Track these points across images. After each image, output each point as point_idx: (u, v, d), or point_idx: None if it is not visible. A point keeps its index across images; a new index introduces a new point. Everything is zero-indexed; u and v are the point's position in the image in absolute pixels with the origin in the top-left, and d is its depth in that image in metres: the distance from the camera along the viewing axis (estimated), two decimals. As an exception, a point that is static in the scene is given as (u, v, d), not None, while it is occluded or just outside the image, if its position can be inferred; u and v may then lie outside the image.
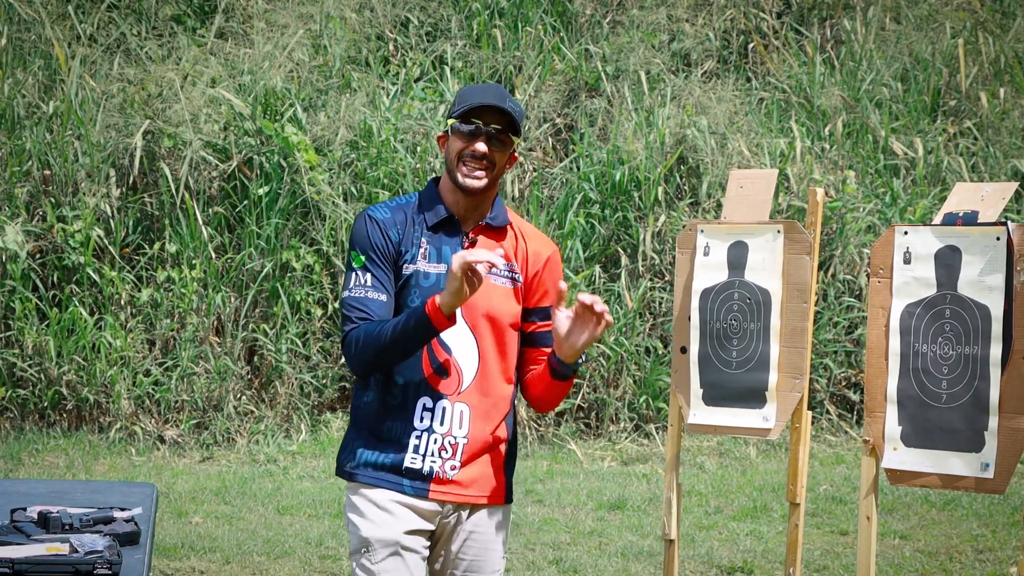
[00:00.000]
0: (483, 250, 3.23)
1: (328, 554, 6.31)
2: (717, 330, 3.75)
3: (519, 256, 3.48)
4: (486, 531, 3.45)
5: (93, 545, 3.02)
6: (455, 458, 3.37)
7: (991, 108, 10.11)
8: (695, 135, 9.43)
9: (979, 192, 3.27)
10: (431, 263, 3.39)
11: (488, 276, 3.34)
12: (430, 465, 3.36)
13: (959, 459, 3.22)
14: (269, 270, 8.78)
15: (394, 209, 3.44)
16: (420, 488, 3.37)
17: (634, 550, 6.38)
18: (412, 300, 3.36)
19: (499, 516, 3.48)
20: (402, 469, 3.36)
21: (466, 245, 3.41)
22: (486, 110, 3.37)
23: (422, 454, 3.36)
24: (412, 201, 3.47)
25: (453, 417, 3.37)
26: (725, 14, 10.81)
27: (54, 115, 9.11)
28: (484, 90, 3.41)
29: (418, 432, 3.36)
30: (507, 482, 3.48)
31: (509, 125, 3.39)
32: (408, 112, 9.39)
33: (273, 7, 10.14)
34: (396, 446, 3.37)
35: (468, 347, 3.39)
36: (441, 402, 3.37)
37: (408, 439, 3.37)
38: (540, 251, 3.50)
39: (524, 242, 3.50)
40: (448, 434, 3.37)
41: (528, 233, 3.53)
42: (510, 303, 3.43)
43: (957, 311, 3.24)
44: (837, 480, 7.80)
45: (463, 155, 3.37)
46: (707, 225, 3.80)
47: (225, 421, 8.41)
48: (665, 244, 9.16)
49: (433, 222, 3.41)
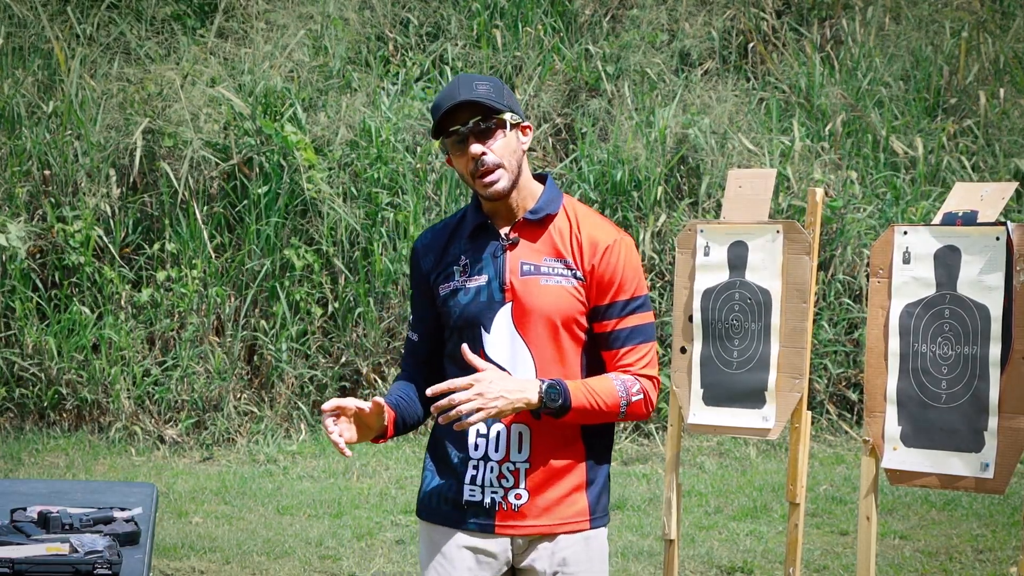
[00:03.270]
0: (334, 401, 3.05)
1: (328, 554, 6.31)
2: (718, 330, 3.74)
3: (571, 246, 3.16)
4: (573, 561, 3.14)
5: (93, 545, 3.01)
6: (519, 486, 3.10)
7: (991, 107, 10.11)
8: (695, 135, 9.43)
9: (979, 192, 3.27)
10: (472, 277, 3.16)
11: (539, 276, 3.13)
12: (491, 497, 3.11)
13: (959, 459, 3.22)
14: (269, 269, 8.78)
15: (436, 231, 3.25)
16: (484, 524, 3.12)
17: (634, 550, 6.38)
18: (453, 317, 3.16)
19: (586, 542, 3.16)
20: (463, 503, 3.13)
21: (506, 248, 3.16)
22: (456, 111, 3.09)
23: (480, 485, 3.11)
24: (457, 217, 3.27)
25: (511, 441, 3.10)
26: (725, 14, 10.81)
27: (54, 115, 9.11)
28: (446, 93, 3.12)
29: (474, 461, 3.12)
30: (591, 504, 3.16)
31: (487, 109, 3.08)
32: (408, 112, 9.39)
33: (273, 7, 10.14)
34: (455, 475, 3.15)
35: (522, 360, 3.12)
36: (495, 426, 3.10)
37: (465, 469, 3.13)
38: (598, 239, 3.15)
39: (578, 230, 3.17)
40: (505, 460, 3.10)
41: (585, 220, 3.19)
42: (566, 301, 3.12)
43: (957, 311, 3.24)
44: (837, 480, 7.80)
45: (469, 168, 3.10)
46: (707, 225, 3.79)
47: (225, 421, 8.41)
48: (665, 244, 9.16)
49: (468, 232, 3.19)
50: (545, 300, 3.11)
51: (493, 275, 3.15)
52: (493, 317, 3.14)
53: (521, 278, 3.13)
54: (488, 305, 3.14)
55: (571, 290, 3.13)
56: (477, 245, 3.18)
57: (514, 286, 3.13)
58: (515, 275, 3.14)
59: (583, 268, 3.14)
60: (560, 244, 3.15)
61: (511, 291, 3.14)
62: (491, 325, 3.14)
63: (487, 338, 3.14)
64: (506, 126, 3.11)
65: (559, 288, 3.12)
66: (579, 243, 3.15)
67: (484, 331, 3.14)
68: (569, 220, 3.18)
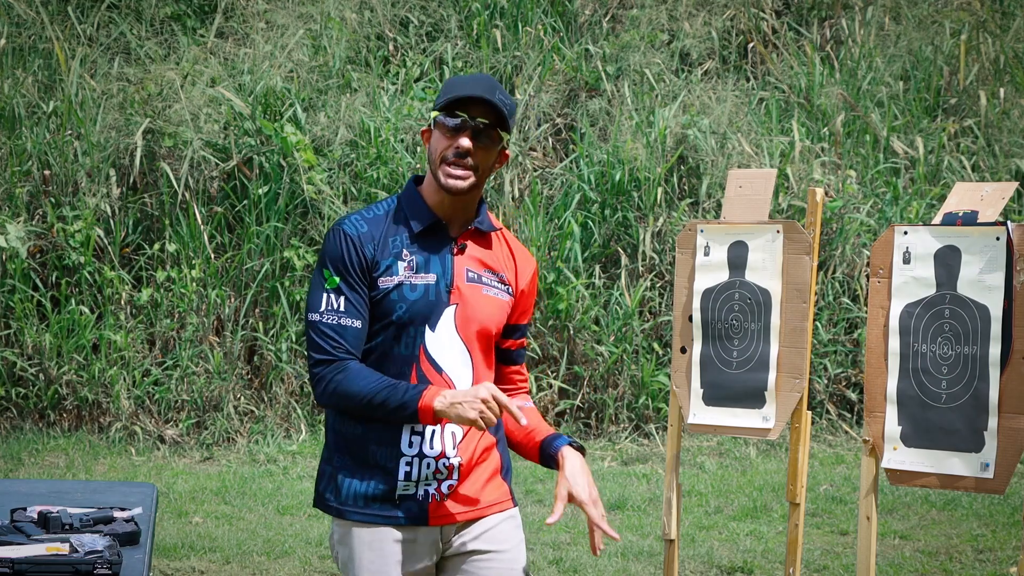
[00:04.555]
0: (515, 402, 3.12)
1: (328, 554, 6.31)
2: (718, 330, 3.75)
3: (507, 266, 3.27)
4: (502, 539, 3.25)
5: (93, 545, 3.01)
6: (452, 478, 3.17)
7: (991, 107, 10.11)
8: (695, 135, 9.43)
9: (979, 192, 3.27)
10: (418, 274, 3.15)
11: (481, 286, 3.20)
12: (424, 489, 3.15)
13: (959, 459, 3.22)
14: (268, 270, 8.78)
15: (371, 221, 3.18)
16: (418, 516, 3.16)
17: (634, 550, 6.38)
18: (397, 313, 3.13)
19: (511, 521, 3.28)
20: (395, 498, 3.14)
21: (455, 252, 3.19)
22: (473, 102, 3.11)
23: (415, 480, 3.14)
24: (391, 208, 3.22)
25: (444, 438, 3.15)
26: (725, 14, 10.81)
27: (54, 115, 9.11)
28: (472, 81, 3.16)
29: (408, 458, 3.14)
30: (509, 485, 3.30)
31: (498, 120, 3.13)
32: (408, 112, 9.39)
33: (273, 7, 10.14)
34: (384, 473, 3.14)
35: (462, 363, 3.19)
36: (430, 426, 3.14)
37: (397, 465, 3.14)
38: (528, 263, 3.31)
39: (512, 253, 3.29)
40: (441, 456, 3.15)
41: (514, 243, 3.32)
42: (501, 314, 3.23)
43: (957, 311, 3.24)
44: (837, 480, 7.80)
45: (446, 153, 3.11)
46: (707, 225, 3.79)
47: (225, 421, 8.41)
48: (665, 244, 9.16)
49: (418, 229, 3.17)
50: (486, 310, 3.21)
51: (441, 274, 3.18)
52: (439, 317, 3.18)
53: (467, 284, 3.20)
54: (436, 304, 3.17)
55: (504, 305, 3.25)
56: (426, 243, 3.18)
57: (460, 290, 3.18)
58: (461, 280, 3.19)
59: (515, 287, 3.28)
60: (498, 260, 3.27)
61: (457, 294, 3.18)
62: (436, 324, 3.18)
63: (430, 336, 3.17)
64: (499, 144, 3.18)
65: (497, 300, 3.23)
66: (514, 263, 3.29)
67: (429, 329, 3.17)
68: (504, 240, 3.31)
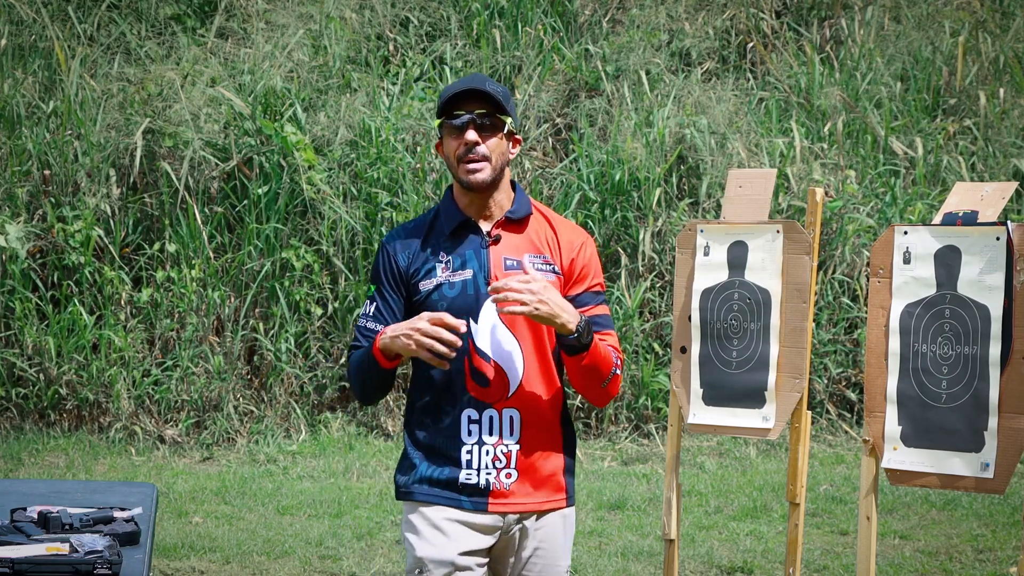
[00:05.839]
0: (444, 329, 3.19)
1: (328, 554, 6.31)
2: (717, 330, 3.74)
3: (549, 244, 3.38)
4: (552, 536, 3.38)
5: (93, 545, 3.02)
6: (510, 467, 3.31)
7: (991, 108, 10.11)
8: (695, 135, 9.43)
9: (979, 192, 3.27)
10: (454, 271, 3.31)
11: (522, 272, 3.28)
12: (486, 478, 3.30)
13: (959, 459, 3.22)
14: (268, 270, 8.78)
15: (411, 230, 3.39)
16: (479, 503, 3.31)
17: (634, 550, 6.38)
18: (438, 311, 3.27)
19: (563, 520, 3.41)
20: (458, 485, 3.31)
21: (488, 244, 3.34)
22: (466, 97, 3.29)
23: (476, 468, 3.30)
24: (430, 216, 3.42)
25: (503, 425, 3.31)
26: (724, 14, 10.81)
27: (54, 115, 9.11)
28: (461, 81, 3.34)
29: (468, 446, 3.31)
30: (568, 485, 3.41)
31: (496, 107, 3.30)
32: (408, 112, 9.39)
33: (273, 7, 10.14)
34: (450, 461, 3.31)
35: (511, 349, 3.31)
36: (487, 411, 3.31)
37: (459, 454, 3.31)
38: (572, 237, 3.41)
39: (553, 230, 3.40)
40: (499, 443, 3.30)
41: (557, 221, 3.44)
42: None
43: (957, 311, 3.24)
44: (837, 480, 7.80)
45: (459, 152, 3.28)
46: (707, 225, 3.79)
47: (225, 421, 8.41)
48: (665, 244, 9.16)
49: (449, 229, 3.34)
50: None
51: (478, 269, 3.31)
52: (480, 309, 3.30)
53: (506, 272, 3.30)
54: (476, 298, 3.30)
55: (551, 284, 3.29)
56: (459, 241, 3.34)
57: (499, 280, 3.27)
58: (499, 269, 3.31)
59: (561, 264, 3.37)
60: (539, 242, 3.37)
61: None
62: (479, 316, 3.30)
63: (476, 328, 3.30)
64: (504, 129, 3.31)
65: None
66: (557, 241, 3.39)
67: (473, 321, 3.30)
68: (545, 220, 3.42)
